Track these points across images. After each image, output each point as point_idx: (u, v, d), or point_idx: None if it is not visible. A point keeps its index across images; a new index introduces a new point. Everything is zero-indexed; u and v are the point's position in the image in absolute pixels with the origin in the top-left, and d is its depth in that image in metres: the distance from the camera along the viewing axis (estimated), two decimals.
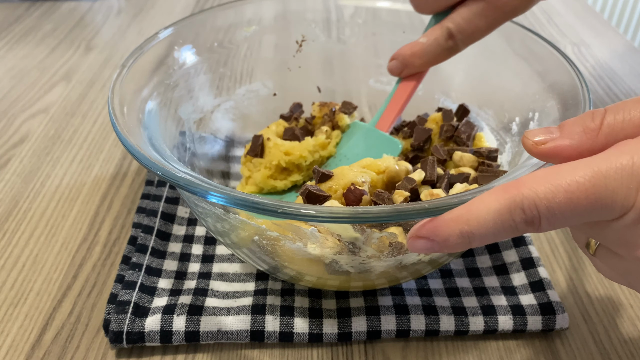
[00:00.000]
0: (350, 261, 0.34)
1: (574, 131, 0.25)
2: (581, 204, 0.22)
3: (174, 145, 0.42)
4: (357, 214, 0.27)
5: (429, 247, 0.26)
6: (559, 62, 0.41)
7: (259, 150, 0.47)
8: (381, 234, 0.32)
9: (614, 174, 0.22)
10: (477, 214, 0.24)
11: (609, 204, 0.22)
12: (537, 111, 0.41)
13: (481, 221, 0.24)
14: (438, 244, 0.25)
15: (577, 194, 0.22)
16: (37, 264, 0.44)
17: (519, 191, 0.23)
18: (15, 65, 0.73)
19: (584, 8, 0.91)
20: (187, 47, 0.47)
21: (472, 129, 0.45)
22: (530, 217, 0.23)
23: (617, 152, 0.23)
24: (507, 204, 0.23)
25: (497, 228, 0.24)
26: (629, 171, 0.22)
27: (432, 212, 0.27)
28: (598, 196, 0.22)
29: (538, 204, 0.23)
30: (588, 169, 0.23)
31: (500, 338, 0.39)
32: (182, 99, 0.46)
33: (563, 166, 0.23)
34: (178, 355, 0.38)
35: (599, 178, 0.22)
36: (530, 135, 0.26)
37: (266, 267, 0.38)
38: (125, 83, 0.39)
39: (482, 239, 0.24)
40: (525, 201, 0.23)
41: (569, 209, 0.23)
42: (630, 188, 0.22)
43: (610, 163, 0.22)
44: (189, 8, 0.90)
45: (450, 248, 0.25)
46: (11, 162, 0.55)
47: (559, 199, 0.23)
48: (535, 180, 0.23)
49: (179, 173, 0.31)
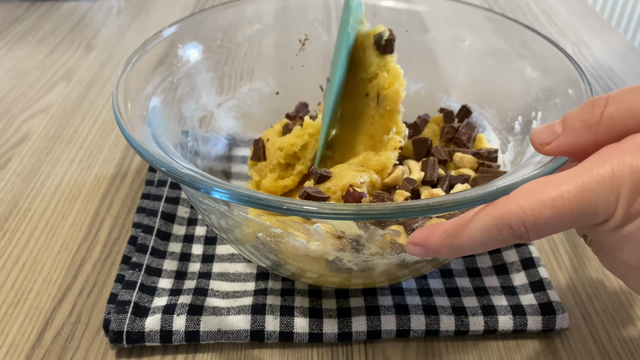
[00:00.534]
0: (353, 258, 0.34)
1: (574, 128, 0.26)
2: (566, 217, 0.24)
3: (176, 144, 0.42)
4: (361, 210, 0.28)
5: (423, 254, 0.28)
6: (561, 60, 0.41)
7: (262, 153, 0.47)
8: (385, 231, 0.32)
9: (595, 186, 0.23)
10: (467, 230, 0.26)
11: (592, 214, 0.24)
12: (540, 110, 0.41)
13: (470, 236, 0.26)
14: (431, 252, 0.28)
15: (563, 208, 0.24)
16: (37, 264, 0.44)
17: (508, 208, 0.25)
18: (15, 65, 0.73)
19: (584, 8, 0.91)
20: (191, 45, 0.47)
21: (472, 130, 0.45)
22: (518, 232, 0.25)
23: (598, 162, 0.24)
24: (494, 222, 0.25)
25: (485, 242, 0.26)
26: (609, 183, 0.23)
27: (436, 209, 0.27)
28: (582, 209, 0.24)
29: (525, 220, 0.24)
30: (572, 183, 0.24)
31: (501, 338, 0.39)
32: (186, 96, 0.46)
33: (550, 179, 0.25)
34: (178, 355, 0.38)
35: (582, 192, 0.24)
36: (536, 136, 0.28)
37: (269, 264, 0.38)
38: (130, 80, 0.39)
39: (471, 250, 0.27)
40: (513, 218, 0.25)
41: (555, 222, 0.24)
42: (610, 200, 0.23)
43: (592, 175, 0.24)
44: (189, 8, 0.90)
45: (443, 256, 0.28)
46: (11, 162, 0.55)
47: (546, 215, 0.24)
48: (524, 196, 0.25)
49: (183, 169, 0.31)
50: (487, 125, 0.48)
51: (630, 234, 0.24)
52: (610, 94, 0.26)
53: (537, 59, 0.44)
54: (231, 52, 0.51)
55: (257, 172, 0.47)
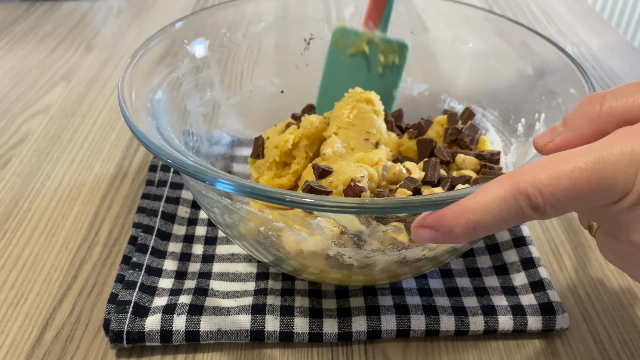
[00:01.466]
0: (354, 254, 0.34)
1: (575, 120, 0.26)
2: (584, 189, 0.23)
3: (179, 140, 0.43)
4: (363, 204, 0.28)
5: (432, 237, 0.26)
6: (562, 60, 0.41)
7: (260, 150, 0.47)
8: (386, 227, 0.32)
9: (614, 159, 0.23)
10: (483, 201, 0.24)
11: (609, 188, 0.23)
12: (543, 112, 0.41)
13: (487, 209, 0.24)
14: (442, 234, 0.26)
15: (580, 179, 0.23)
16: (37, 264, 0.44)
17: (523, 178, 0.24)
18: (15, 65, 0.73)
19: (584, 8, 0.91)
20: (196, 41, 0.47)
21: (475, 132, 0.45)
22: (535, 203, 0.24)
23: (616, 139, 0.24)
24: (511, 190, 0.24)
25: (504, 214, 0.24)
26: (628, 157, 0.23)
27: (439, 204, 0.27)
28: (600, 181, 0.23)
29: (542, 190, 0.23)
30: (590, 155, 0.23)
31: (501, 338, 0.39)
32: (190, 92, 0.46)
33: (565, 153, 0.24)
34: (178, 355, 0.38)
35: (600, 164, 0.23)
36: (538, 139, 0.27)
37: (271, 259, 0.38)
38: (135, 72, 0.39)
39: (488, 227, 0.25)
40: (530, 188, 0.24)
41: (572, 194, 0.23)
42: (629, 173, 0.23)
43: (611, 149, 0.23)
44: (189, 8, 0.90)
45: (454, 238, 0.26)
46: (11, 162, 0.55)
47: (563, 185, 0.23)
48: (539, 168, 0.24)
49: (188, 160, 0.31)
50: (490, 127, 0.48)
51: None
52: (609, 90, 0.26)
53: (537, 59, 0.44)
54: (237, 49, 0.51)
55: (255, 169, 0.47)
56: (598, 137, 0.25)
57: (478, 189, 0.25)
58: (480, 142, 0.46)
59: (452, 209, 0.26)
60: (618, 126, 0.25)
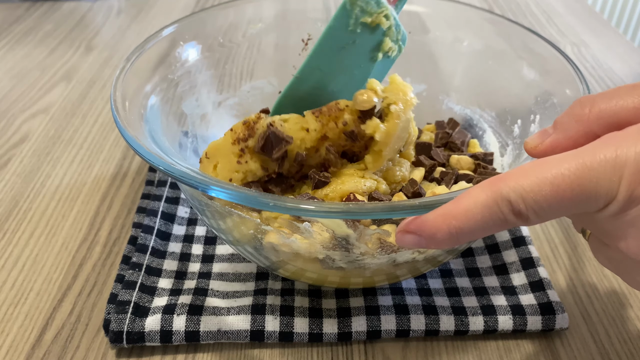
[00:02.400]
0: (343, 258, 0.34)
1: (564, 122, 0.26)
2: (566, 196, 0.23)
3: (175, 143, 0.43)
4: (349, 209, 0.28)
5: (416, 242, 0.26)
6: (559, 61, 0.41)
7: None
8: (374, 231, 0.32)
9: (597, 166, 0.22)
10: (465, 207, 0.24)
11: (592, 195, 0.23)
12: (538, 113, 0.41)
13: (469, 214, 0.24)
14: (425, 240, 0.26)
15: (562, 186, 0.23)
16: (37, 264, 0.44)
17: (506, 184, 0.24)
18: (15, 65, 0.73)
19: (584, 8, 0.91)
20: (192, 43, 0.47)
21: (465, 136, 0.46)
22: (517, 209, 0.23)
23: (601, 144, 0.23)
24: (493, 196, 0.24)
25: (486, 220, 0.24)
26: (612, 163, 0.22)
27: (423, 209, 0.27)
28: (582, 188, 0.23)
29: (524, 196, 0.23)
30: (573, 162, 0.23)
31: (500, 338, 0.39)
32: (187, 93, 0.46)
33: (548, 159, 0.24)
34: (178, 355, 0.38)
35: (583, 170, 0.23)
36: (529, 142, 0.27)
37: (268, 264, 0.38)
38: (128, 78, 0.39)
39: (471, 233, 0.24)
40: (512, 194, 0.23)
41: (555, 201, 0.23)
42: (612, 180, 0.22)
43: (595, 155, 0.23)
44: (189, 8, 0.90)
45: (437, 244, 0.25)
46: (11, 162, 0.55)
47: (545, 192, 0.23)
48: (522, 173, 0.24)
49: (179, 166, 0.31)
50: (487, 128, 0.48)
51: (634, 219, 0.23)
52: (600, 92, 0.26)
53: (536, 60, 0.44)
54: (234, 50, 0.51)
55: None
56: (588, 140, 0.24)
57: (460, 194, 0.25)
58: (470, 144, 0.47)
59: (434, 214, 0.25)
60: (608, 129, 0.25)
